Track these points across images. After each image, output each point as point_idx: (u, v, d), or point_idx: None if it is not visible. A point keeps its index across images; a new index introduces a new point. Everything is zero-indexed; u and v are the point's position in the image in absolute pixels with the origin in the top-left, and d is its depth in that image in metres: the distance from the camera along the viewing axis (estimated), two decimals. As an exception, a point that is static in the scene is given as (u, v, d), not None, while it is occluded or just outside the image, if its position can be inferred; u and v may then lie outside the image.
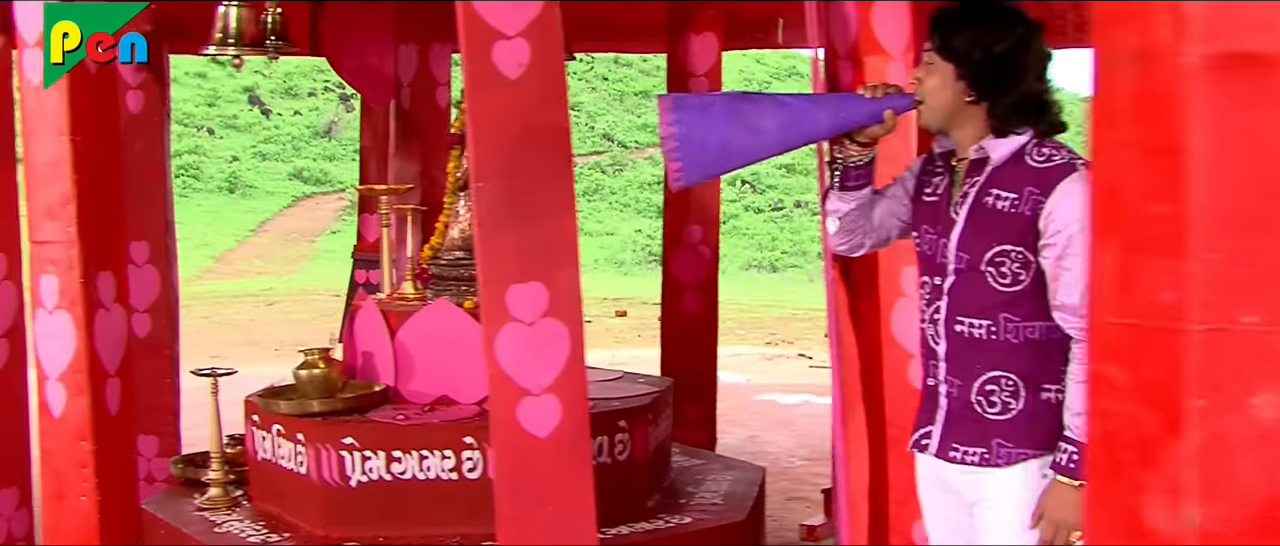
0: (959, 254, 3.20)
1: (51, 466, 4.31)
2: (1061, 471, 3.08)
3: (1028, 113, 3.16)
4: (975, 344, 3.18)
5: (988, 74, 3.15)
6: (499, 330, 4.02)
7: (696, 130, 3.35)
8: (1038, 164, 3.12)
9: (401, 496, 4.96)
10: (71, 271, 4.21)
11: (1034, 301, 3.12)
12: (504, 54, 3.96)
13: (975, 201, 3.18)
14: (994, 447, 3.18)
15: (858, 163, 3.42)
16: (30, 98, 4.22)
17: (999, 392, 3.17)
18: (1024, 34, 3.16)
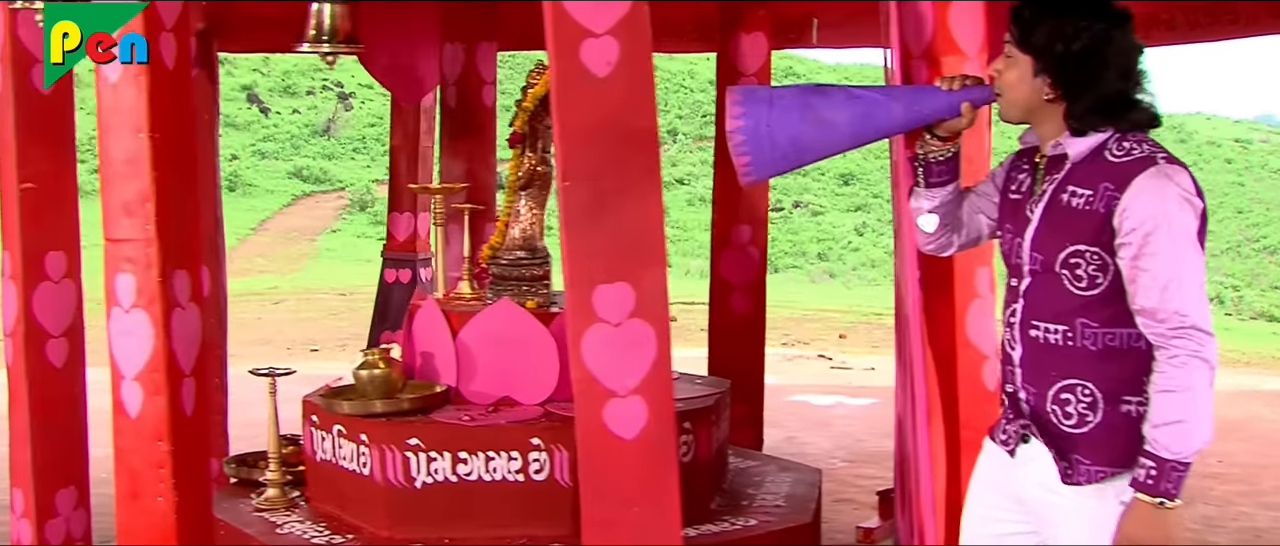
0: (1033, 254, 3.08)
1: (126, 466, 4.26)
2: (1141, 488, 2.90)
3: (1108, 113, 3.03)
4: (1051, 350, 3.05)
5: (1067, 70, 3.03)
6: (585, 331, 3.99)
7: (764, 124, 3.27)
8: (1116, 158, 2.98)
9: (466, 497, 4.91)
10: (149, 270, 4.16)
11: (1113, 306, 2.97)
12: (592, 52, 3.93)
13: (1051, 199, 3.06)
14: (1073, 463, 3.02)
15: (940, 157, 3.33)
16: (106, 94, 4.17)
17: (1074, 403, 3.02)
18: (1105, 29, 3.01)
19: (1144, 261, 2.88)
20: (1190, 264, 2.86)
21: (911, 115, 3.28)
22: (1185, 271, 2.85)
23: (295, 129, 32.54)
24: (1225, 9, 6.40)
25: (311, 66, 34.36)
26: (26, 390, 5.03)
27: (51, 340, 5.10)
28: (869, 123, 3.28)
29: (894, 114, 3.28)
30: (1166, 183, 2.89)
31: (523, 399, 5.19)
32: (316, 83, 34.13)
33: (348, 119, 32.68)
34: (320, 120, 32.49)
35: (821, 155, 3.38)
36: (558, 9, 3.91)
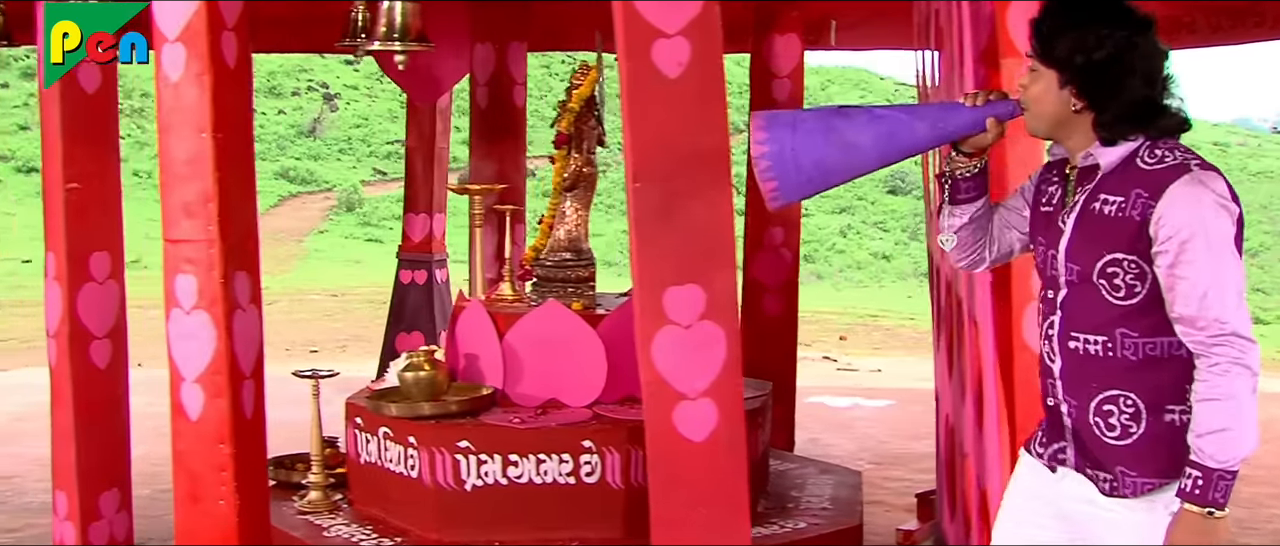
0: (1068, 265, 3.01)
1: (186, 468, 4.21)
2: (1188, 498, 2.80)
3: (1137, 120, 2.96)
4: (1090, 361, 2.96)
5: (1092, 80, 2.95)
6: (655, 333, 3.96)
7: (789, 149, 3.19)
8: (1148, 166, 2.90)
9: (516, 500, 4.88)
10: (211, 271, 4.11)
11: (1153, 315, 2.88)
12: (664, 53, 3.90)
13: (1083, 209, 2.99)
14: (1119, 476, 2.93)
15: (967, 174, 3.25)
16: (167, 94, 4.12)
17: (1117, 414, 2.94)
18: (1128, 36, 2.92)
19: (1181, 269, 2.81)
20: (1229, 270, 2.81)
21: (936, 133, 3.22)
22: (1224, 278, 2.79)
23: (281, 130, 32.37)
24: (1250, 10, 6.40)
25: (296, 67, 34.23)
26: (71, 391, 4.97)
27: (95, 341, 5.05)
28: (893, 143, 3.22)
29: (918, 133, 3.22)
30: (1202, 189, 2.83)
31: (569, 401, 5.16)
32: (301, 83, 33.99)
33: (333, 120, 32.55)
34: (306, 121, 32.34)
35: (847, 177, 3.31)
36: (629, 9, 3.88)
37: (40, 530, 6.34)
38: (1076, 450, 3.03)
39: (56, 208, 4.96)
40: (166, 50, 4.11)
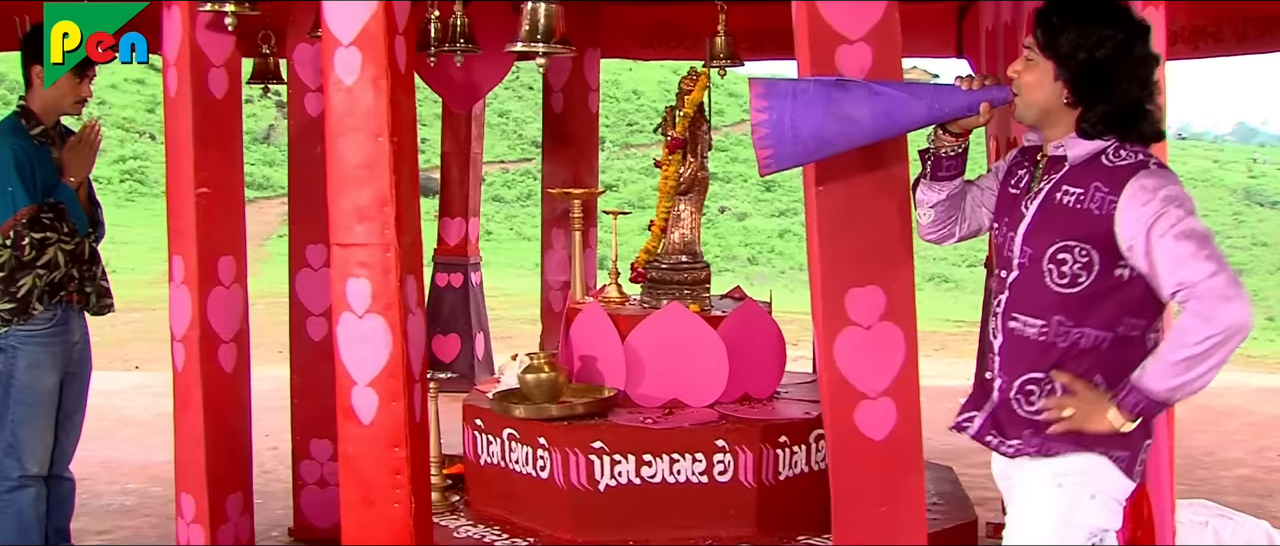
0: (1024, 248, 3.10)
1: (357, 472, 4.09)
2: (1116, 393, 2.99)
3: (1121, 122, 3.04)
4: (1026, 342, 3.09)
5: (1088, 77, 3.03)
6: (838, 334, 3.91)
7: (788, 117, 3.24)
8: (1111, 163, 3.02)
9: (649, 499, 4.83)
10: (387, 275, 3.99)
11: (1089, 309, 3.02)
12: (847, 58, 3.84)
13: (1047, 197, 3.08)
14: (1026, 438, 3.11)
15: (950, 153, 3.32)
16: (340, 98, 4.00)
17: (1038, 394, 3.08)
18: (1128, 39, 3.01)
19: (1154, 255, 2.91)
20: (1193, 241, 2.87)
21: (933, 113, 3.26)
22: (1186, 248, 2.87)
23: (230, 137, 32.01)
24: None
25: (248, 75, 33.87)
26: (200, 395, 4.84)
27: (222, 345, 4.93)
28: (891, 119, 3.27)
29: (915, 111, 3.26)
30: (1156, 180, 2.94)
31: (690, 401, 5.10)
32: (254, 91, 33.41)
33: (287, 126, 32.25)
34: (260, 128, 32.00)
35: (841, 149, 3.37)
36: (813, 13, 3.83)
37: (128, 532, 6.21)
38: (988, 419, 3.19)
39: (185, 212, 4.83)
40: (340, 54, 3.99)
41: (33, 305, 5.01)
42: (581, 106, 6.84)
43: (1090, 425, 3.00)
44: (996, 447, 3.18)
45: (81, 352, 5.35)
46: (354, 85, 4.00)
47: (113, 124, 32.52)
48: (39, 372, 5.10)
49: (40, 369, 5.10)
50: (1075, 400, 3.02)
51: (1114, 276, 3.00)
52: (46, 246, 5.01)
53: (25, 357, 5.07)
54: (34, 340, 5.07)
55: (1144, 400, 2.94)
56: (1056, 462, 3.06)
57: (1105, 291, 3.01)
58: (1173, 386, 2.90)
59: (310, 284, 5.90)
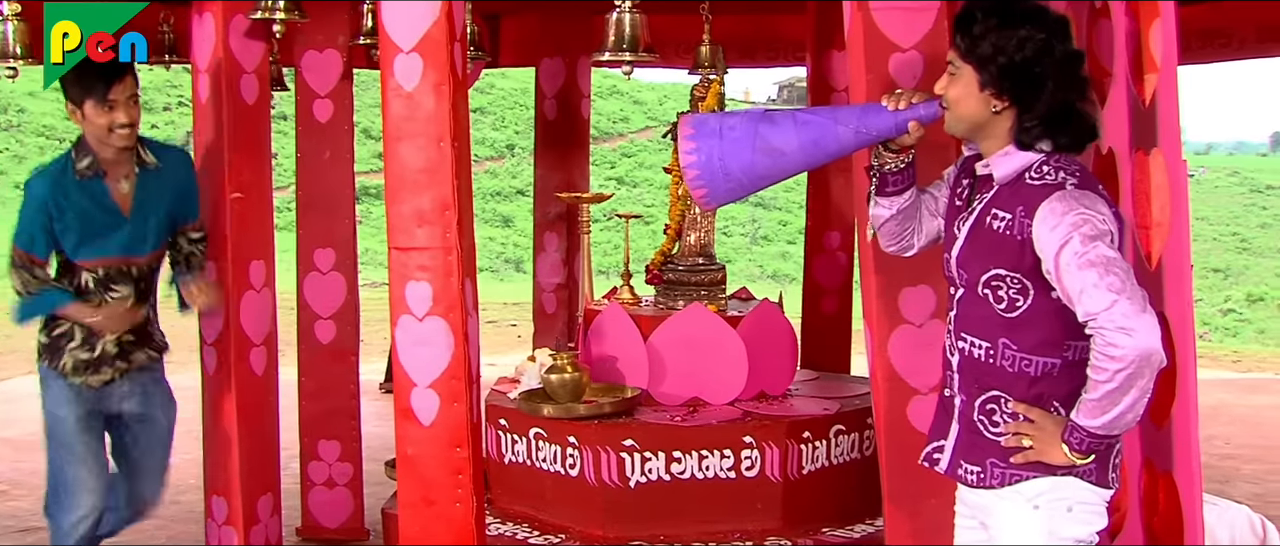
0: (959, 271, 3.01)
1: (417, 473, 4.01)
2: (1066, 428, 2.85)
3: (1056, 124, 2.90)
4: (977, 363, 2.98)
5: (1013, 81, 2.88)
6: (891, 332, 3.92)
7: (716, 155, 3.15)
8: (1032, 183, 2.88)
9: (679, 495, 4.79)
10: (449, 278, 3.93)
11: (1033, 332, 2.90)
12: (900, 66, 3.85)
13: (978, 219, 2.96)
14: (988, 467, 2.97)
15: (896, 168, 3.18)
16: (399, 104, 3.93)
17: (999, 412, 2.96)
18: (1047, 38, 2.86)
19: (1064, 280, 2.78)
20: (1096, 269, 2.72)
21: (861, 137, 3.15)
22: (1089, 277, 2.72)
23: (154, 143, 31.48)
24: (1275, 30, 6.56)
25: (166, 82, 33.38)
26: (233, 399, 4.74)
27: (254, 348, 4.86)
28: (819, 147, 3.17)
29: (843, 137, 3.16)
30: (1066, 204, 2.80)
31: (711, 399, 5.08)
32: (173, 98, 33.14)
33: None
34: (179, 135, 31.43)
35: (776, 180, 3.26)
36: (867, 22, 3.83)
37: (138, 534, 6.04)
38: (956, 444, 3.06)
39: (218, 217, 4.77)
40: (400, 60, 3.92)
41: (64, 355, 4.51)
42: (574, 113, 6.79)
43: (1049, 457, 2.88)
44: (964, 480, 3.04)
45: (143, 393, 4.70)
46: (415, 90, 3.93)
47: (32, 131, 31.86)
48: (58, 408, 4.55)
49: (60, 406, 4.55)
50: (1033, 429, 2.90)
51: (1052, 299, 2.86)
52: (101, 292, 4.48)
53: (47, 393, 4.57)
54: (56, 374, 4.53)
55: (1087, 437, 2.82)
56: (1026, 487, 2.93)
57: (1046, 315, 2.88)
58: (1107, 421, 2.78)
59: (319, 287, 5.81)
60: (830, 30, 6.47)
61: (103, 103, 4.29)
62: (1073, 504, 2.94)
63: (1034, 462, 2.91)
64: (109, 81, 4.27)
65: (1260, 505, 5.42)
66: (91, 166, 4.40)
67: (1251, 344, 25.50)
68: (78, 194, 4.38)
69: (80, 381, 4.52)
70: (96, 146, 4.39)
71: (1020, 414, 2.92)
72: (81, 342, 4.50)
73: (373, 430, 6.22)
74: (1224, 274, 33.96)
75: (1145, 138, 3.43)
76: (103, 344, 4.53)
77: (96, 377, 4.55)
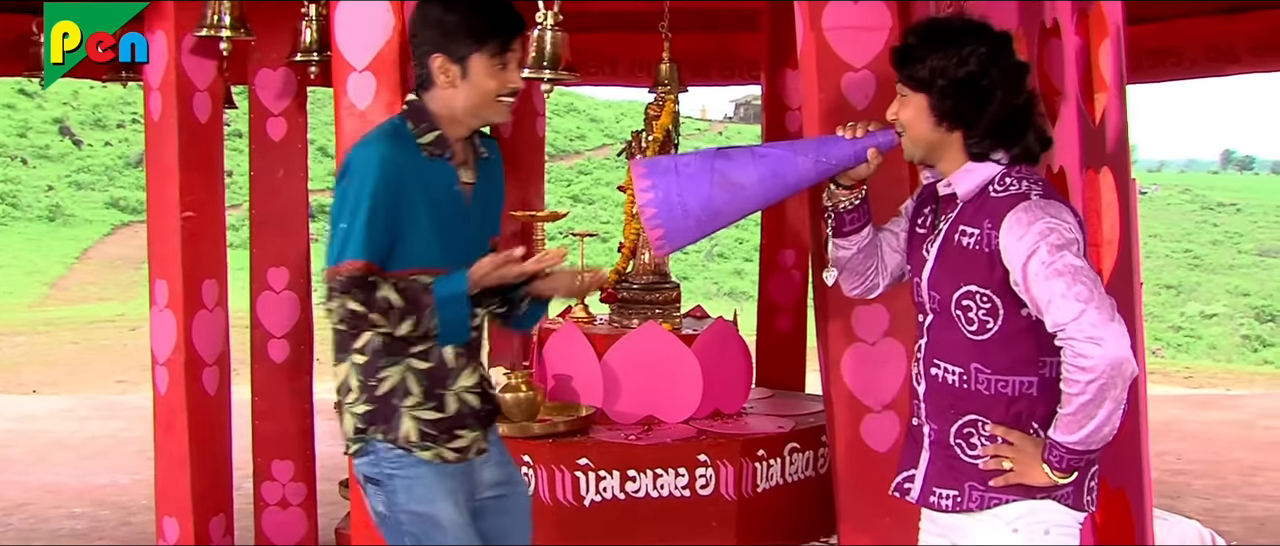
0: (931, 293, 2.96)
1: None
2: (1045, 446, 2.81)
3: (1006, 133, 2.89)
4: (949, 390, 2.93)
5: (962, 96, 2.87)
6: (845, 350, 3.93)
7: (675, 193, 3.04)
8: (997, 195, 2.87)
9: (634, 515, 4.77)
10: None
11: (1005, 354, 2.87)
12: (853, 86, 3.87)
13: (945, 238, 2.94)
14: (966, 491, 2.92)
15: (849, 206, 3.14)
16: (352, 122, 3.93)
17: (977, 436, 2.91)
18: (989, 51, 2.86)
19: (1032, 290, 2.76)
20: (1064, 279, 2.72)
21: (820, 168, 3.08)
22: (1057, 286, 2.72)
23: (109, 160, 31.35)
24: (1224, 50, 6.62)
25: (120, 99, 33.21)
26: (185, 418, 4.71)
27: (206, 368, 4.82)
28: (778, 180, 3.09)
29: (802, 168, 3.08)
30: (1032, 214, 2.79)
31: (666, 418, 5.07)
32: (127, 115, 32.96)
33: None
34: (133, 152, 31.30)
35: (734, 218, 3.17)
36: (821, 43, 3.85)
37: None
38: (927, 471, 3.00)
39: (169, 235, 4.72)
40: (353, 79, 3.93)
41: (401, 418, 3.20)
42: (529, 130, 6.77)
43: (1030, 479, 2.84)
44: (939, 506, 2.97)
45: (499, 457, 3.45)
46: (368, 109, 3.94)
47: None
48: (425, 504, 3.21)
49: (429, 501, 3.21)
50: (1013, 451, 2.86)
51: (1022, 317, 2.84)
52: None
53: (405, 487, 3.20)
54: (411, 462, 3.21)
55: (1067, 454, 2.79)
56: (1004, 511, 2.89)
57: (1017, 334, 2.85)
58: (1084, 436, 2.75)
59: (272, 306, 5.76)
60: (785, 49, 6.48)
61: (499, 57, 3.19)
62: (1050, 526, 2.91)
63: (1013, 486, 2.87)
64: (512, 32, 3.21)
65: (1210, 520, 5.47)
66: (439, 143, 3.20)
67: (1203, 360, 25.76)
68: (426, 176, 3.17)
69: (430, 455, 3.21)
70: (452, 119, 3.21)
71: (999, 436, 2.88)
72: (423, 394, 3.22)
73: (327, 449, 6.17)
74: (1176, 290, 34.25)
75: (1095, 156, 3.45)
76: (456, 388, 3.26)
77: (454, 446, 3.25)
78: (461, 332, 3.17)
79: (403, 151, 3.12)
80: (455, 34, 3.12)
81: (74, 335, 17.93)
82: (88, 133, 32.41)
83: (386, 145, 3.11)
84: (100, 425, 8.77)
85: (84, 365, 15.17)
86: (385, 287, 3.02)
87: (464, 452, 3.25)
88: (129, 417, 8.40)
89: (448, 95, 3.17)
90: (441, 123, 3.19)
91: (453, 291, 3.08)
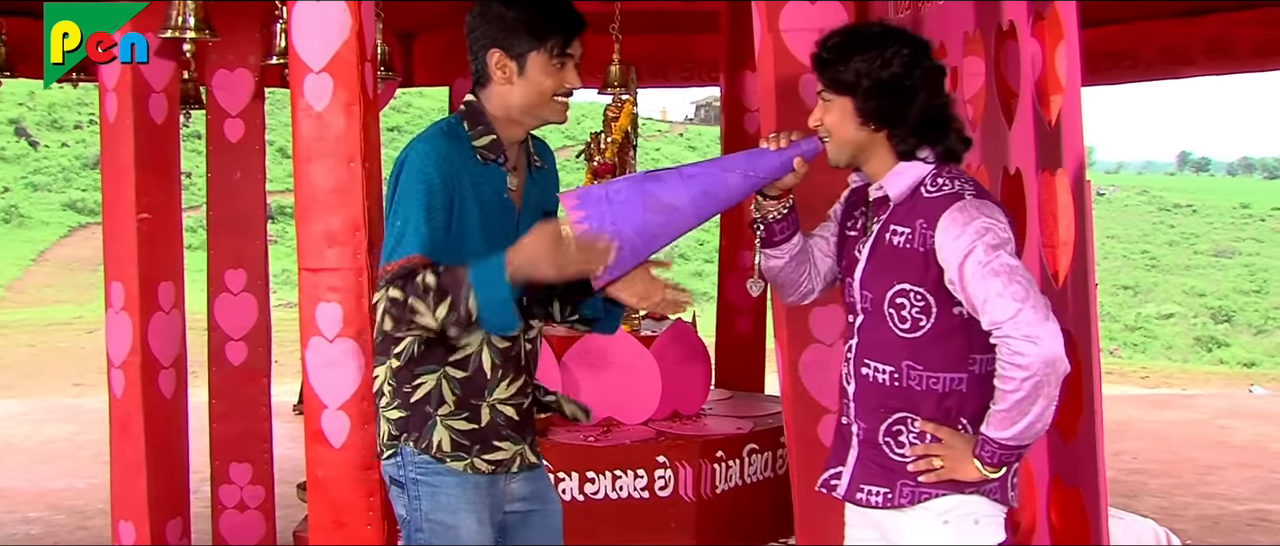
0: (863, 293, 2.99)
1: (328, 496, 3.97)
2: (976, 444, 2.85)
3: (930, 132, 2.94)
4: (880, 388, 2.96)
5: (886, 98, 2.90)
6: (802, 351, 3.94)
7: (608, 220, 3.00)
8: (930, 195, 2.90)
9: (593, 516, 4.79)
10: (360, 299, 3.88)
11: (936, 352, 2.90)
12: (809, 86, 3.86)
13: (877, 239, 2.97)
14: (897, 487, 2.95)
15: (778, 216, 3.13)
16: (309, 124, 3.89)
17: (906, 434, 2.94)
18: (912, 52, 2.92)
19: (968, 289, 2.80)
20: (1001, 277, 2.77)
21: (749, 181, 3.07)
22: (994, 285, 2.76)
23: (66, 161, 31.08)
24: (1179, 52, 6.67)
25: (77, 100, 32.92)
26: (141, 421, 4.67)
27: (163, 371, 4.78)
28: (710, 197, 3.06)
29: (732, 184, 3.07)
30: (968, 214, 2.83)
31: (625, 419, 5.08)
32: (84, 116, 32.68)
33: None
34: (90, 154, 31.04)
35: (669, 240, 3.14)
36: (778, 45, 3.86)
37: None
38: (855, 469, 3.03)
39: (124, 237, 4.67)
40: (310, 80, 3.89)
41: (433, 426, 3.12)
42: (488, 133, 6.77)
43: (960, 474, 2.88)
44: (868, 503, 3.01)
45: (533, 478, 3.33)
46: (325, 111, 3.90)
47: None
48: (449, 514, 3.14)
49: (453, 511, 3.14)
50: (942, 449, 2.90)
51: (954, 315, 2.88)
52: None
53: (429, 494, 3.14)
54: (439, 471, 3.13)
55: (999, 450, 2.83)
56: (934, 504, 2.93)
57: (949, 332, 2.89)
58: (1017, 432, 2.80)
59: (230, 308, 5.75)
60: (743, 51, 6.50)
61: (559, 57, 3.10)
62: (979, 518, 2.95)
63: (944, 481, 2.90)
64: (573, 31, 3.11)
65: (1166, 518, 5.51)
66: (493, 148, 3.11)
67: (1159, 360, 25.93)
68: (477, 179, 3.09)
69: (462, 465, 3.13)
70: (507, 119, 3.13)
71: (928, 433, 2.91)
72: (456, 403, 3.14)
73: (285, 452, 6.15)
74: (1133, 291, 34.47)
75: (1051, 158, 3.47)
76: (492, 399, 3.17)
77: (490, 458, 3.17)
78: (505, 316, 2.92)
79: (457, 150, 3.04)
80: (515, 30, 3.05)
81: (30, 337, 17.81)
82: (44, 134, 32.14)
83: (442, 142, 3.04)
84: (56, 428, 8.71)
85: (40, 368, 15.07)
86: (425, 273, 2.90)
87: (502, 466, 3.17)
88: (85, 421, 8.32)
89: (504, 92, 3.09)
90: (497, 125, 3.11)
91: (489, 267, 2.91)
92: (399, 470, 3.16)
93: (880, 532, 3.06)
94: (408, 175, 3.00)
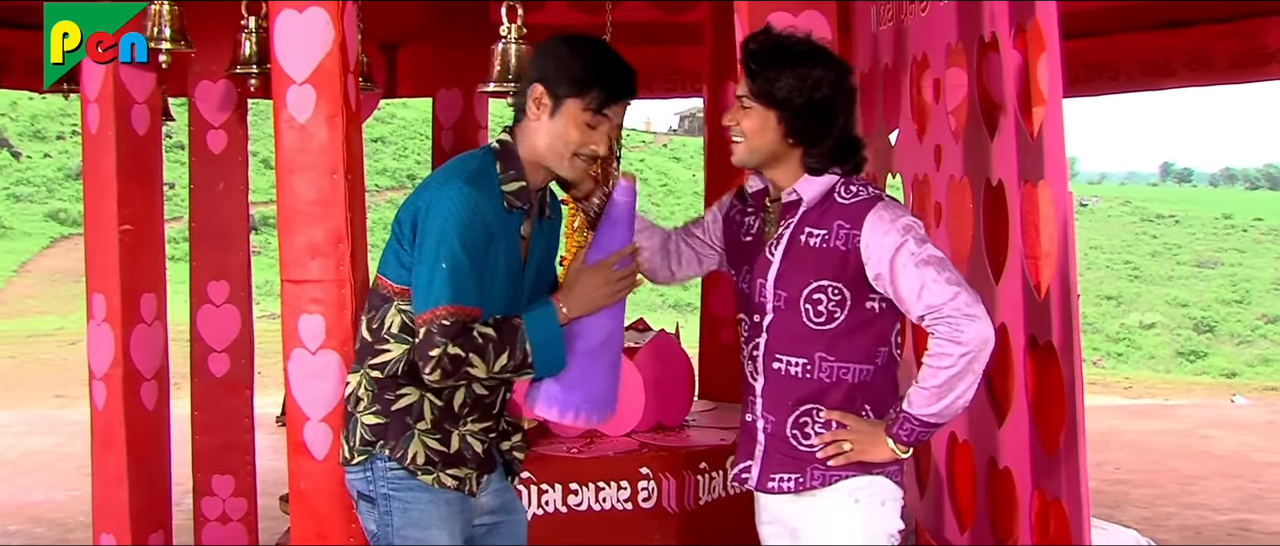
0: (777, 292, 3.07)
1: (309, 509, 3.95)
2: (890, 423, 3.02)
3: (842, 154, 3.08)
4: (792, 380, 3.07)
5: (809, 118, 3.02)
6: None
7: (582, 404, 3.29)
8: (846, 200, 3.03)
9: (577, 528, 4.75)
10: (342, 311, 3.87)
11: (847, 342, 3.04)
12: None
13: (790, 241, 3.07)
14: (808, 473, 3.08)
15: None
16: (291, 135, 3.87)
17: (812, 425, 3.07)
18: (838, 78, 3.04)
19: (899, 280, 2.95)
20: (933, 267, 2.94)
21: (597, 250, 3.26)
22: (928, 273, 2.93)
23: (49, 172, 31.00)
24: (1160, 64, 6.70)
25: (60, 111, 32.89)
26: (123, 433, 4.64)
27: (145, 383, 4.74)
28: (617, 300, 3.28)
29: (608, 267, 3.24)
30: (893, 213, 3.00)
31: (608, 431, 5.06)
32: (66, 127, 32.62)
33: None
34: (73, 164, 30.98)
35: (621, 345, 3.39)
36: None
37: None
38: (763, 461, 3.15)
39: (106, 249, 4.64)
40: (293, 92, 3.87)
41: (411, 439, 3.17)
42: (471, 144, 6.73)
43: (871, 456, 3.03)
44: (780, 490, 3.11)
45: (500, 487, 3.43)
46: (307, 122, 3.88)
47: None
48: (423, 529, 3.19)
49: (426, 526, 3.19)
50: (850, 434, 3.04)
51: (866, 309, 3.03)
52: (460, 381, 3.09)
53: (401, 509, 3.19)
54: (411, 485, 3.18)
55: (917, 426, 2.98)
56: (845, 485, 3.06)
57: (860, 325, 3.03)
58: (939, 409, 2.95)
59: (212, 320, 5.74)
60: (727, 62, 6.49)
61: (595, 113, 3.08)
62: (885, 499, 3.10)
63: (853, 463, 3.04)
64: (615, 94, 3.10)
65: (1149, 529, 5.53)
66: (521, 196, 3.13)
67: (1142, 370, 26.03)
68: (504, 226, 3.10)
69: (430, 479, 3.16)
70: (533, 162, 3.13)
71: (834, 421, 3.05)
72: (432, 424, 3.19)
73: (268, 464, 6.13)
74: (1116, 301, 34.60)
75: (1033, 169, 3.48)
76: (462, 430, 3.23)
77: (454, 473, 3.21)
78: (557, 358, 3.13)
79: (485, 199, 3.03)
80: (563, 70, 3.06)
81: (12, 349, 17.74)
82: (26, 144, 32.08)
83: (472, 190, 3.01)
84: (37, 440, 8.68)
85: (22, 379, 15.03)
86: (476, 326, 2.98)
87: (462, 484, 3.21)
88: (67, 433, 8.30)
89: (533, 128, 3.10)
90: (526, 169, 3.11)
91: (541, 315, 3.10)
92: (369, 484, 3.19)
93: (790, 532, 3.17)
94: (434, 220, 2.99)
